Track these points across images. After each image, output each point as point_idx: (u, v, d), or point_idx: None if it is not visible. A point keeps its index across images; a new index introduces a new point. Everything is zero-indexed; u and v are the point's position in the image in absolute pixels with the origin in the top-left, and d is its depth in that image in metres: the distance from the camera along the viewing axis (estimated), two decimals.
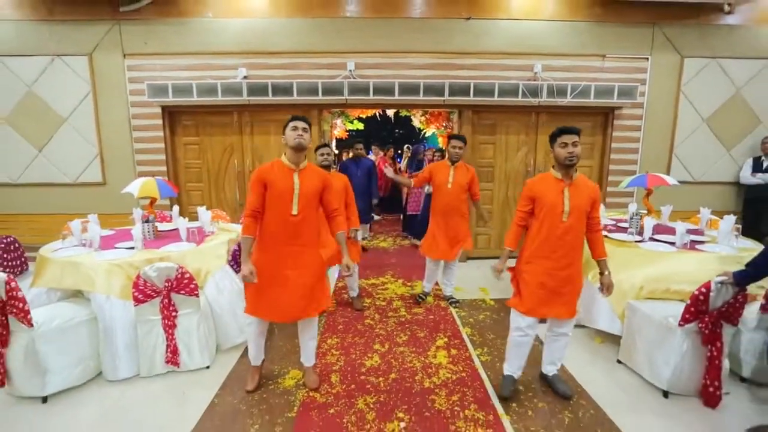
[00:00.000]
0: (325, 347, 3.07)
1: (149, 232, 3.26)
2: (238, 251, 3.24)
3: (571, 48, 4.93)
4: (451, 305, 3.86)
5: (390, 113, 7.69)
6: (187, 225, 3.30)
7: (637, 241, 3.20)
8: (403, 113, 7.66)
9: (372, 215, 6.30)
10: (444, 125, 7.02)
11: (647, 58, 4.98)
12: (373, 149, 8.75)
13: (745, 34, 4.93)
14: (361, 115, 7.69)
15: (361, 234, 5.82)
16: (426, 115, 7.29)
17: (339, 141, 8.69)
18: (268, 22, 4.81)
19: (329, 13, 4.83)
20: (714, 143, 5.17)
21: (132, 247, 2.95)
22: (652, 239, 3.25)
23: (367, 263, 5.17)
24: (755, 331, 2.52)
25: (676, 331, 2.39)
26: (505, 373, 2.52)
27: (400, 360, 2.89)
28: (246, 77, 4.83)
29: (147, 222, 3.29)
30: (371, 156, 8.59)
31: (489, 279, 2.60)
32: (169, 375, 2.70)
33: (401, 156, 9.77)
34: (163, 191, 3.47)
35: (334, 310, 3.77)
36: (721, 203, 5.18)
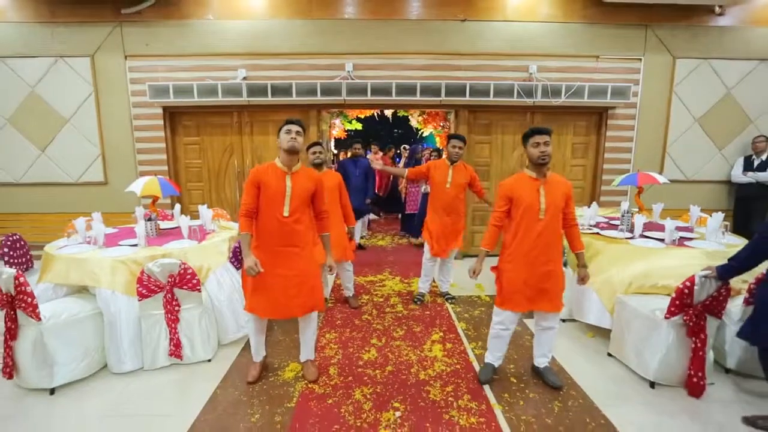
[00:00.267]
0: (324, 341, 3.15)
1: (152, 229, 3.34)
2: (238, 248, 3.31)
3: (566, 49, 5.01)
4: (447, 301, 3.95)
5: (388, 113, 7.75)
6: (189, 223, 3.37)
7: (628, 238, 3.29)
8: (401, 113, 7.73)
9: (369, 214, 6.36)
10: (441, 125, 7.10)
11: (640, 58, 5.06)
12: (372, 149, 8.80)
13: (736, 35, 5.02)
14: (360, 116, 7.73)
15: (359, 232, 5.92)
16: (423, 116, 7.35)
17: (337, 141, 8.75)
18: (267, 23, 4.89)
19: (328, 15, 4.90)
20: (706, 142, 5.26)
21: (135, 245, 3.02)
22: (642, 236, 3.34)
23: (366, 261, 5.26)
24: (739, 324, 2.60)
25: (662, 324, 2.48)
26: (486, 361, 2.69)
27: (396, 353, 2.97)
28: (246, 78, 4.91)
29: (149, 220, 3.36)
30: (369, 155, 8.65)
31: (485, 275, 2.69)
32: (172, 368, 2.78)
33: (401, 156, 9.83)
34: (166, 190, 3.54)
35: (332, 306, 3.85)
36: (713, 201, 5.27)
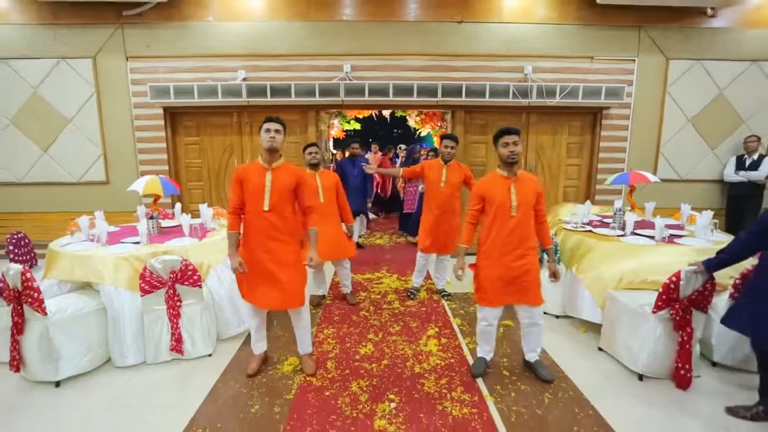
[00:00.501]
0: (322, 336, 3.23)
1: (153, 228, 3.41)
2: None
3: (560, 50, 5.08)
4: (443, 298, 4.02)
5: (386, 114, 7.82)
6: (190, 221, 3.44)
7: (619, 236, 3.37)
8: (399, 114, 7.80)
9: (368, 213, 6.43)
10: (439, 125, 7.16)
11: (634, 59, 5.13)
12: (372, 149, 8.85)
13: (728, 37, 5.09)
14: (358, 116, 7.80)
15: (358, 231, 5.99)
16: (421, 116, 7.43)
17: (336, 141, 8.82)
18: (266, 25, 4.96)
19: (326, 17, 4.98)
20: (699, 142, 5.34)
21: (137, 242, 3.09)
22: (633, 233, 3.41)
23: (364, 259, 5.33)
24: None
25: (650, 318, 2.55)
26: (478, 356, 2.77)
27: (392, 348, 3.05)
28: (245, 79, 4.98)
29: (151, 218, 3.43)
30: (368, 155, 8.72)
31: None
32: (174, 362, 2.85)
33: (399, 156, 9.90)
34: (167, 189, 3.62)
35: (331, 303, 3.92)
36: (706, 200, 5.35)
